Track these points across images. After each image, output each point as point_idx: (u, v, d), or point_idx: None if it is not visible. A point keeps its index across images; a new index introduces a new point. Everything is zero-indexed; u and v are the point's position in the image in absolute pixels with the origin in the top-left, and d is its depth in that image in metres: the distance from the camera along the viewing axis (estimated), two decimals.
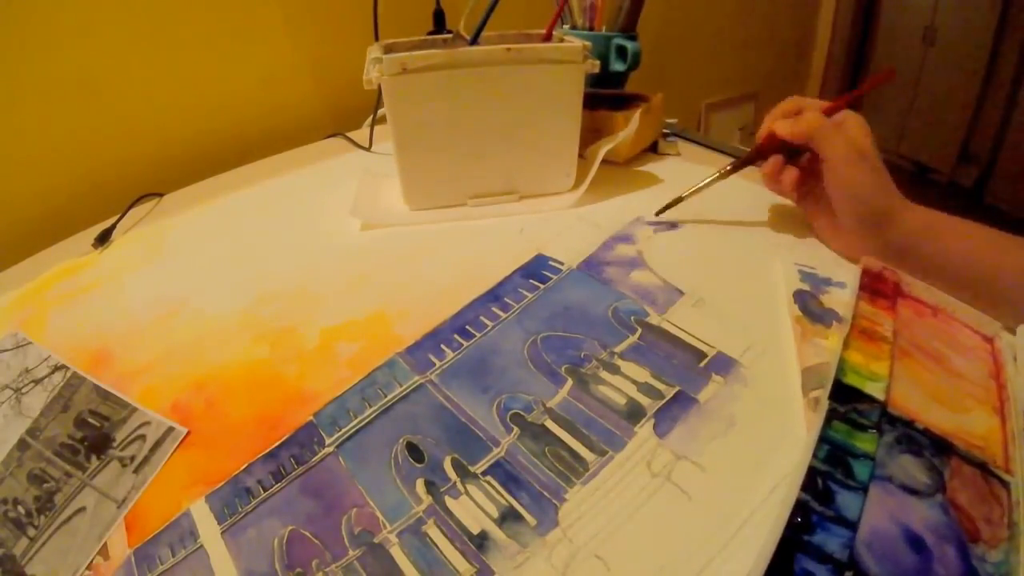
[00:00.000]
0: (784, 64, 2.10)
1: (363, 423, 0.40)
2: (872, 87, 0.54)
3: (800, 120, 0.50)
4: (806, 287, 0.48)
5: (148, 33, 0.79)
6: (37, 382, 0.48)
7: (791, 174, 0.52)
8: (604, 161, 0.65)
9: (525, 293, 0.50)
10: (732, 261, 0.53)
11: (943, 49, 2.14)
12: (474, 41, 0.64)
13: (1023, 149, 1.96)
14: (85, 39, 0.75)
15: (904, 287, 0.42)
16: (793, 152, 0.53)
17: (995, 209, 2.05)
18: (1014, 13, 1.89)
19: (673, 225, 0.58)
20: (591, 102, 0.68)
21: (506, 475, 0.36)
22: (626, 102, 0.73)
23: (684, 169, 0.71)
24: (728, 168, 0.55)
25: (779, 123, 0.52)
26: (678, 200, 0.56)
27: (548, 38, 0.64)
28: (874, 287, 0.42)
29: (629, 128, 0.65)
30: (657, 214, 0.56)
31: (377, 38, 0.70)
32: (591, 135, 0.70)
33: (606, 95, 0.75)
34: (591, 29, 0.77)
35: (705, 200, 0.58)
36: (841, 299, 0.47)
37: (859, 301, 0.41)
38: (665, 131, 0.81)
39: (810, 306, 0.46)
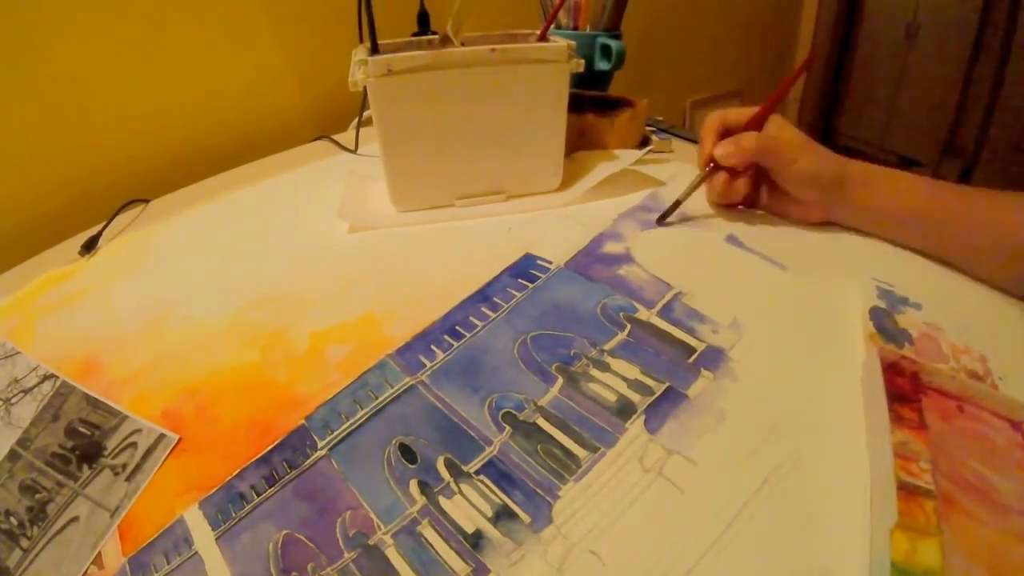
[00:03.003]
0: (768, 60, 2.11)
1: (355, 425, 0.40)
2: (792, 83, 0.57)
3: (738, 146, 0.55)
4: (882, 305, 0.47)
5: (133, 39, 0.79)
6: (26, 392, 0.48)
7: (736, 190, 0.58)
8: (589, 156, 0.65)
9: (514, 293, 0.50)
10: (720, 255, 0.54)
11: (926, 44, 2.15)
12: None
13: (1006, 142, 1.98)
14: (70, 45, 0.74)
15: (924, 378, 0.39)
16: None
17: None
18: (996, 8, 1.91)
19: (661, 222, 0.58)
20: (577, 105, 0.68)
21: (499, 474, 0.36)
22: (612, 106, 0.73)
23: (671, 169, 0.71)
24: (703, 176, 0.58)
25: (718, 150, 0.56)
26: (677, 204, 0.59)
27: (543, 39, 0.63)
28: (896, 389, 0.39)
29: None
30: (659, 221, 0.59)
31: (362, 40, 0.70)
32: (577, 138, 0.70)
33: (591, 98, 0.75)
34: (575, 28, 0.77)
35: (693, 197, 0.58)
36: (915, 320, 0.46)
37: (892, 427, 0.36)
38: (650, 127, 0.81)
39: (885, 324, 0.45)
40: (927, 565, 0.29)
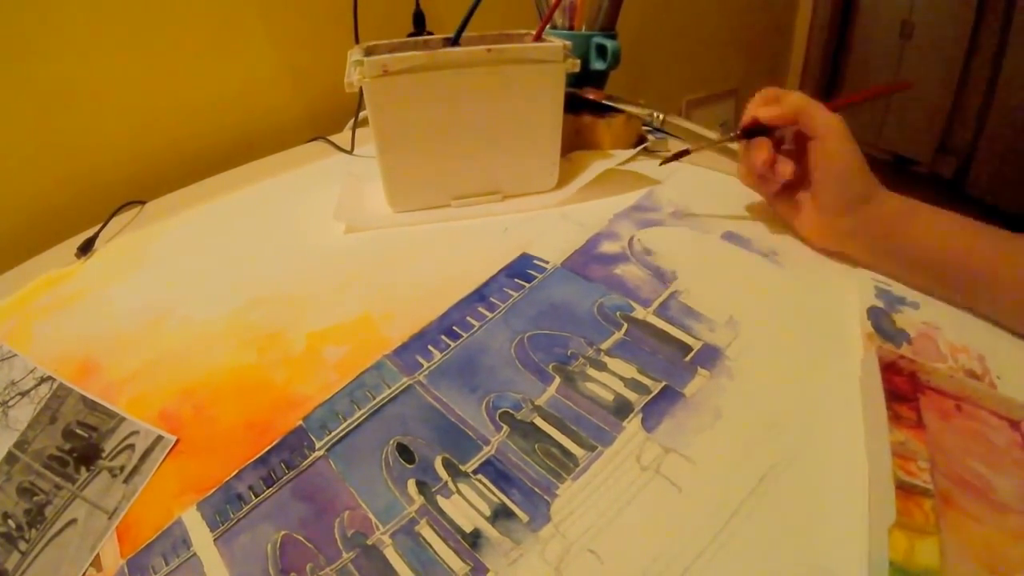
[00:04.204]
0: (763, 60, 2.12)
1: (352, 426, 0.40)
2: (878, 94, 0.52)
3: (785, 100, 0.50)
4: (880, 304, 0.47)
5: (128, 40, 0.79)
6: (23, 394, 0.48)
7: (785, 164, 0.50)
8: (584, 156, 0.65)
9: (511, 292, 0.51)
10: (717, 253, 0.54)
11: (921, 42, 2.16)
12: (456, 41, 0.64)
13: (1001, 139, 1.98)
14: (65, 47, 0.74)
15: (923, 378, 0.39)
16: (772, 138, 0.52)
17: (975, 199, 2.08)
18: (991, 6, 1.92)
19: (657, 222, 0.59)
20: (573, 105, 0.68)
21: (497, 473, 0.36)
22: (608, 107, 0.73)
23: (668, 168, 0.71)
24: (735, 134, 0.54)
25: (762, 109, 0.51)
26: (685, 152, 0.57)
27: (539, 39, 0.64)
28: (894, 388, 0.38)
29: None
30: (662, 164, 0.59)
31: (357, 40, 0.70)
32: (573, 139, 0.70)
33: (587, 98, 0.75)
34: (571, 28, 0.77)
35: (686, 194, 0.58)
36: (913, 319, 0.45)
37: (891, 426, 0.36)
38: (646, 127, 0.81)
39: (883, 324, 0.45)
40: (926, 564, 0.29)
